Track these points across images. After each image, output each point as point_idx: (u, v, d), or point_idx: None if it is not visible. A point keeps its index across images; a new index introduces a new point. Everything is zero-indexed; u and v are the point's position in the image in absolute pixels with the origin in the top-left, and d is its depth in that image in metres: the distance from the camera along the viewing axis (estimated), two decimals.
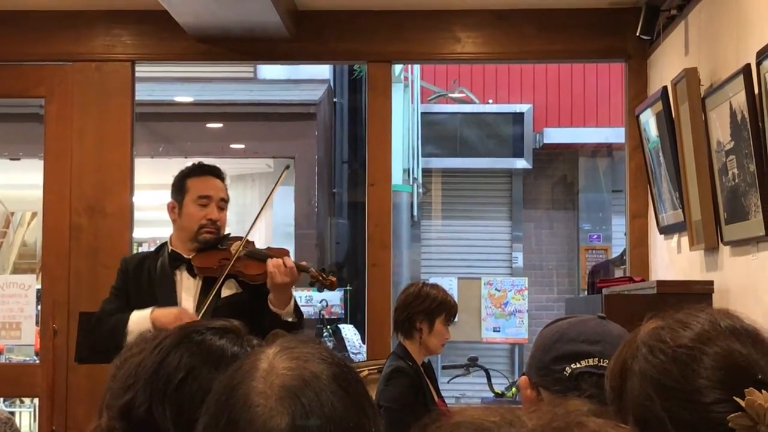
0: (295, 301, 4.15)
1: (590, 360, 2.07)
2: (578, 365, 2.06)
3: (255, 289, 4.12)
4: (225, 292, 4.14)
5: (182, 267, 4.19)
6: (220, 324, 1.75)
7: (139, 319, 3.98)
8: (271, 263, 4.01)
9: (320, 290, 4.38)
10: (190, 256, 4.17)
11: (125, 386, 1.70)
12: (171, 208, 4.26)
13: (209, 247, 4.18)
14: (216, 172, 4.30)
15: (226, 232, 4.28)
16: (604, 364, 1.98)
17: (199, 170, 4.29)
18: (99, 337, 4.12)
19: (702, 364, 1.47)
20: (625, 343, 1.57)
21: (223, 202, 4.25)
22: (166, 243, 4.30)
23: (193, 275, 4.17)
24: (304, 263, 4.23)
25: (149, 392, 1.66)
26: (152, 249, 4.39)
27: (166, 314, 3.97)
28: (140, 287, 4.19)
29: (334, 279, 4.23)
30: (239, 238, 4.22)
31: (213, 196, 4.20)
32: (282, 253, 4.15)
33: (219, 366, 1.63)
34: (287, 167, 4.38)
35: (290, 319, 4.04)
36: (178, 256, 4.19)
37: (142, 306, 4.10)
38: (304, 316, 4.37)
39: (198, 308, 4.05)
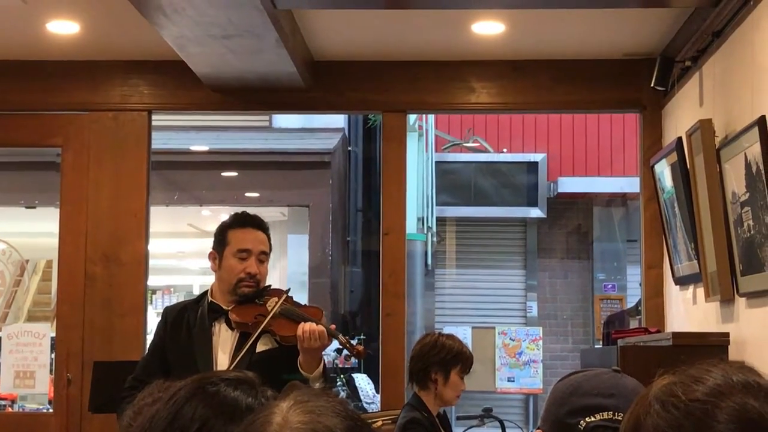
0: (325, 365, 4.07)
1: (605, 413, 2.06)
2: (593, 419, 2.05)
3: (290, 346, 4.03)
4: (261, 347, 4.06)
5: (221, 319, 4.13)
6: (234, 375, 1.74)
7: None
8: (302, 327, 3.94)
9: (348, 357, 4.31)
10: (229, 308, 4.12)
11: None
12: (212, 259, 4.22)
13: (247, 300, 4.13)
14: (258, 224, 4.23)
15: (267, 284, 4.23)
16: (619, 418, 1.97)
17: (241, 222, 4.23)
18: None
19: (716, 418, 1.46)
20: (637, 399, 1.57)
21: (264, 255, 4.18)
22: (207, 292, 4.25)
23: (231, 327, 4.11)
24: (333, 327, 4.14)
25: None
26: (194, 298, 4.33)
27: None
28: (178, 340, 4.13)
29: (361, 348, 4.17)
30: (278, 292, 4.18)
31: (252, 250, 4.14)
32: (316, 314, 4.09)
33: (233, 418, 1.62)
34: (288, 290, 4.34)
35: (317, 386, 3.93)
36: (217, 308, 4.15)
37: (179, 359, 4.06)
38: None
39: (231, 362, 3.99)
